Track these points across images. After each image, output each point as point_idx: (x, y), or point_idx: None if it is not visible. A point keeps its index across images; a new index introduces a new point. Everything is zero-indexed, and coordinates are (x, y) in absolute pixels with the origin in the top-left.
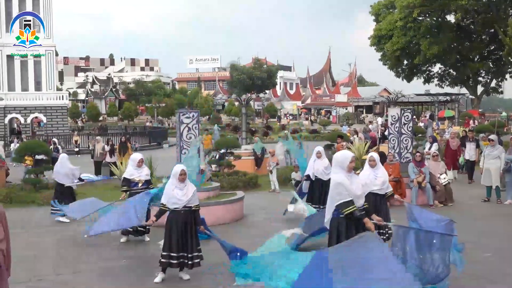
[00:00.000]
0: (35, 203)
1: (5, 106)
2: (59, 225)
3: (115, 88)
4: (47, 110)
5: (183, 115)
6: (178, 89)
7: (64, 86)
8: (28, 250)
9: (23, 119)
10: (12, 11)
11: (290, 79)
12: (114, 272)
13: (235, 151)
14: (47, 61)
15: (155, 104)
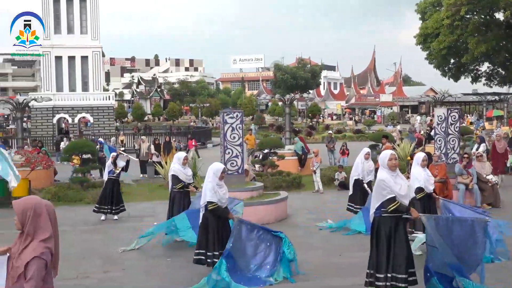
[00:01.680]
0: (83, 202)
1: (54, 106)
2: (106, 223)
3: (160, 88)
4: (93, 110)
5: (227, 115)
6: (222, 89)
7: (111, 86)
8: (75, 248)
9: (71, 119)
10: (60, 14)
11: (334, 79)
12: (160, 270)
13: (279, 151)
14: (94, 62)
15: (199, 104)
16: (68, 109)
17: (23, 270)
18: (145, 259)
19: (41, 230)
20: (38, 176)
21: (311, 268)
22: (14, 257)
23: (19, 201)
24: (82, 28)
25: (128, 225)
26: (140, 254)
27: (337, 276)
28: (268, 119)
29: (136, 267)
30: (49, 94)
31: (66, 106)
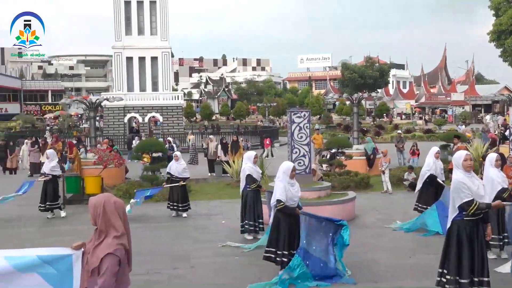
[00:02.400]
0: (152, 199)
1: (125, 106)
2: (176, 220)
3: (228, 88)
4: (163, 110)
5: (295, 114)
6: (289, 89)
7: (179, 86)
8: (145, 245)
9: (141, 118)
10: (131, 15)
11: (403, 78)
12: (228, 268)
13: (346, 150)
14: (163, 63)
15: (266, 104)
16: (138, 108)
17: (97, 265)
18: (213, 256)
19: (113, 226)
20: (110, 174)
21: (381, 269)
22: (89, 252)
23: (92, 198)
24: (152, 29)
25: (197, 223)
26: (208, 252)
27: (407, 278)
28: (335, 118)
29: (204, 264)
30: (120, 94)
31: (137, 106)
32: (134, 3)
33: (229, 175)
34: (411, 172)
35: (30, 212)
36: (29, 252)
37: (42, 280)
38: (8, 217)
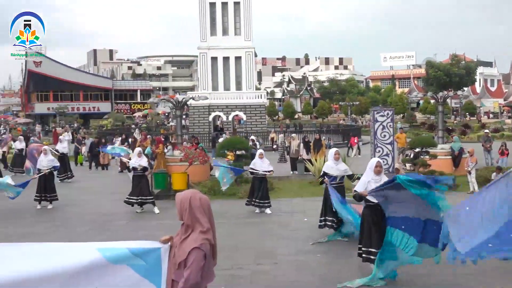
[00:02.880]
0: (236, 196)
1: (210, 105)
2: (258, 217)
3: (310, 87)
4: (246, 109)
5: (378, 113)
6: (371, 87)
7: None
8: (229, 240)
9: (225, 116)
10: (216, 16)
11: (491, 75)
12: (310, 265)
13: (431, 150)
14: (247, 62)
15: (348, 102)
16: (222, 107)
17: (183, 259)
18: (295, 254)
19: (198, 222)
20: (196, 171)
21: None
22: (176, 246)
23: (179, 194)
24: (236, 29)
25: (280, 220)
26: (290, 249)
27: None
28: (419, 117)
29: (287, 261)
30: (205, 93)
31: (221, 105)
32: (219, 4)
33: (311, 173)
34: (499, 173)
35: (120, 207)
36: (120, 245)
37: (133, 272)
38: (102, 212)
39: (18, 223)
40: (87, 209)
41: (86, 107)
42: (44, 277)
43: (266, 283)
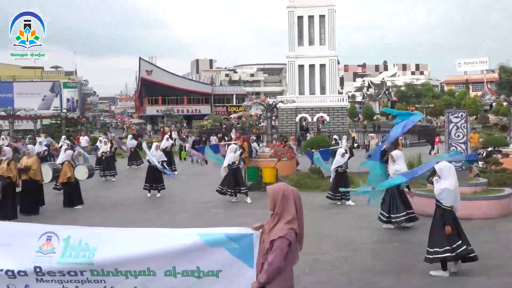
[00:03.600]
0: (319, 189)
1: (297, 107)
2: (340, 208)
3: (388, 91)
4: (329, 111)
5: (452, 114)
6: (446, 91)
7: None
8: (314, 228)
9: (310, 118)
10: (303, 29)
11: None
12: (386, 254)
13: (503, 149)
14: (330, 69)
15: (424, 105)
16: (308, 109)
17: (269, 246)
18: (372, 243)
19: (287, 212)
20: (283, 166)
21: None
22: (265, 233)
23: (272, 186)
24: (321, 40)
25: (359, 211)
26: (368, 238)
27: None
28: (492, 118)
29: (364, 249)
30: (293, 97)
31: (307, 107)
32: (306, 18)
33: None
34: None
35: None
36: (217, 231)
37: (229, 254)
38: (201, 201)
39: (129, 211)
40: (188, 198)
41: (189, 109)
42: (151, 257)
43: (345, 268)
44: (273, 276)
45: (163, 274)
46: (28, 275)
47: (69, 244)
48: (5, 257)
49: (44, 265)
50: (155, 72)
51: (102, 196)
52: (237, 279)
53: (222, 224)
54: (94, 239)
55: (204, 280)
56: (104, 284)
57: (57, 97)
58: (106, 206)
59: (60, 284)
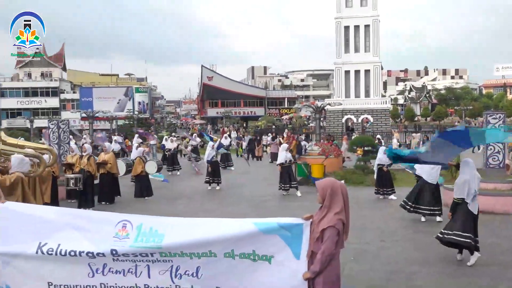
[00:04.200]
0: (363, 184)
1: (343, 109)
2: (383, 202)
3: (428, 94)
4: (373, 112)
5: (490, 116)
6: (484, 94)
7: (387, 93)
8: (358, 220)
9: (355, 119)
10: (349, 38)
11: None
12: (426, 245)
13: None
14: (374, 74)
15: (463, 107)
16: (353, 111)
17: (320, 235)
18: (414, 233)
19: (335, 204)
20: (331, 163)
21: None
22: (315, 223)
23: (321, 181)
24: (365, 47)
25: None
26: (409, 229)
27: None
28: None
29: (407, 239)
30: (339, 100)
31: (352, 109)
32: (351, 28)
33: None
34: None
35: (270, 190)
36: (271, 220)
37: (281, 239)
38: (256, 194)
39: (192, 202)
40: (244, 191)
41: (245, 111)
42: (212, 241)
43: (387, 257)
44: (326, 264)
45: (223, 255)
46: (106, 256)
47: (141, 231)
48: (85, 241)
49: (119, 249)
50: (215, 78)
51: (168, 188)
52: (283, 269)
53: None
54: (163, 227)
55: (258, 264)
56: (171, 263)
57: (130, 100)
58: (172, 197)
59: (133, 263)
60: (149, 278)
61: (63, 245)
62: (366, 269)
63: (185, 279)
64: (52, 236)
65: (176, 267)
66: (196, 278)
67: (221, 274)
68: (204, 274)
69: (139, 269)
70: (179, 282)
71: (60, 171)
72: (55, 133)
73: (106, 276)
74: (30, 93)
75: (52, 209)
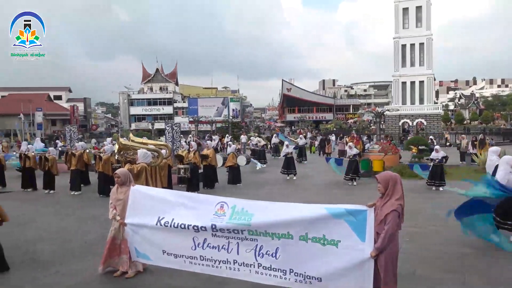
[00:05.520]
0: (418, 177)
1: (400, 114)
2: (435, 192)
3: (476, 101)
4: (426, 117)
5: None
6: None
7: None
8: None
9: (411, 122)
10: (406, 53)
11: None
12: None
13: None
14: (427, 85)
15: (508, 112)
16: (409, 116)
17: (383, 218)
18: None
19: (396, 192)
20: (388, 159)
21: None
22: (378, 208)
23: (382, 174)
24: (420, 62)
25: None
26: None
27: None
28: None
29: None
30: (397, 106)
31: (408, 114)
32: (408, 46)
33: (476, 163)
34: None
35: (337, 180)
36: (339, 206)
37: (347, 225)
38: (325, 183)
39: (273, 188)
40: (315, 181)
41: (317, 116)
42: (290, 223)
43: (437, 238)
44: (389, 242)
45: (298, 238)
46: (207, 230)
47: (235, 211)
48: (192, 217)
49: (218, 224)
50: (293, 90)
51: (255, 177)
52: (350, 251)
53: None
54: (252, 208)
55: (327, 249)
56: (256, 242)
57: (226, 108)
58: (257, 184)
59: (226, 239)
60: (237, 254)
61: (176, 219)
62: (420, 248)
63: (266, 259)
64: (168, 212)
65: (259, 247)
66: (275, 259)
67: (295, 256)
68: (282, 255)
69: (231, 246)
70: (261, 260)
71: (174, 163)
72: (169, 133)
73: (205, 250)
74: (151, 102)
75: (168, 191)
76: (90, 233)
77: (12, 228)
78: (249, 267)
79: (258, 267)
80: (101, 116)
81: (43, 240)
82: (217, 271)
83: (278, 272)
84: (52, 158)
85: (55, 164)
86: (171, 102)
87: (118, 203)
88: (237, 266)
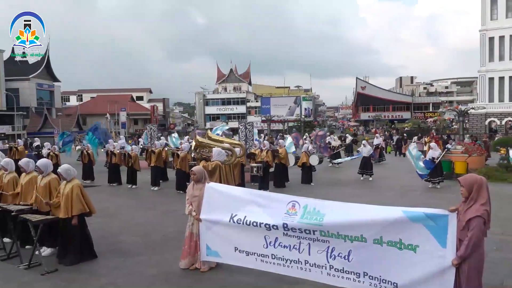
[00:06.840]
0: (506, 181)
1: (486, 113)
2: None
3: None
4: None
5: None
6: None
7: None
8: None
9: (499, 121)
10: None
11: None
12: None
13: None
14: None
15: None
16: (497, 114)
17: (465, 224)
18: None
19: (481, 197)
20: (473, 160)
21: None
22: (461, 213)
23: (467, 176)
24: (510, 55)
25: None
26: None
27: None
28: None
29: None
30: (483, 104)
31: (496, 112)
32: (496, 38)
33: None
34: None
35: (416, 181)
36: (418, 209)
37: (426, 230)
38: (402, 184)
39: (347, 189)
40: (392, 182)
41: (393, 115)
42: (364, 225)
43: None
44: (473, 250)
45: (372, 241)
46: (278, 229)
47: (306, 210)
48: (264, 215)
49: (289, 223)
50: (368, 88)
51: (329, 177)
52: (430, 257)
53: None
54: (324, 208)
55: (404, 253)
56: (328, 244)
57: (298, 107)
58: (330, 183)
59: (298, 239)
60: (309, 255)
61: (248, 217)
62: (508, 258)
63: (338, 261)
64: (241, 209)
65: (331, 248)
66: (347, 261)
67: (369, 260)
68: (355, 258)
69: (302, 246)
70: (332, 262)
71: (246, 161)
72: (243, 132)
73: (276, 249)
74: (225, 102)
75: (241, 189)
76: (169, 228)
77: (99, 220)
78: (321, 268)
79: (330, 269)
80: (178, 116)
81: (127, 232)
82: (288, 271)
83: (351, 275)
84: (135, 155)
85: (137, 161)
86: (244, 101)
87: (194, 199)
88: (309, 267)
